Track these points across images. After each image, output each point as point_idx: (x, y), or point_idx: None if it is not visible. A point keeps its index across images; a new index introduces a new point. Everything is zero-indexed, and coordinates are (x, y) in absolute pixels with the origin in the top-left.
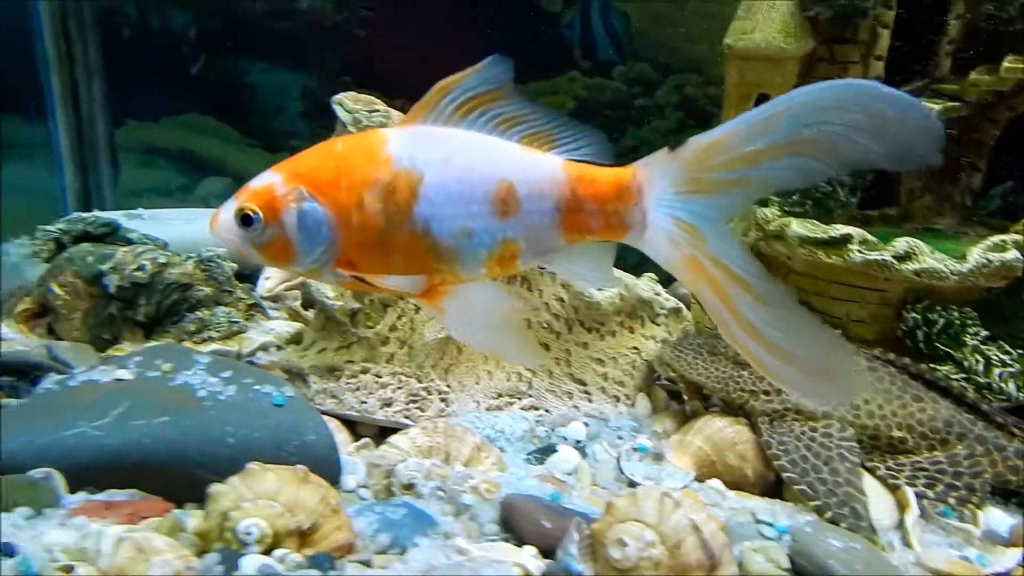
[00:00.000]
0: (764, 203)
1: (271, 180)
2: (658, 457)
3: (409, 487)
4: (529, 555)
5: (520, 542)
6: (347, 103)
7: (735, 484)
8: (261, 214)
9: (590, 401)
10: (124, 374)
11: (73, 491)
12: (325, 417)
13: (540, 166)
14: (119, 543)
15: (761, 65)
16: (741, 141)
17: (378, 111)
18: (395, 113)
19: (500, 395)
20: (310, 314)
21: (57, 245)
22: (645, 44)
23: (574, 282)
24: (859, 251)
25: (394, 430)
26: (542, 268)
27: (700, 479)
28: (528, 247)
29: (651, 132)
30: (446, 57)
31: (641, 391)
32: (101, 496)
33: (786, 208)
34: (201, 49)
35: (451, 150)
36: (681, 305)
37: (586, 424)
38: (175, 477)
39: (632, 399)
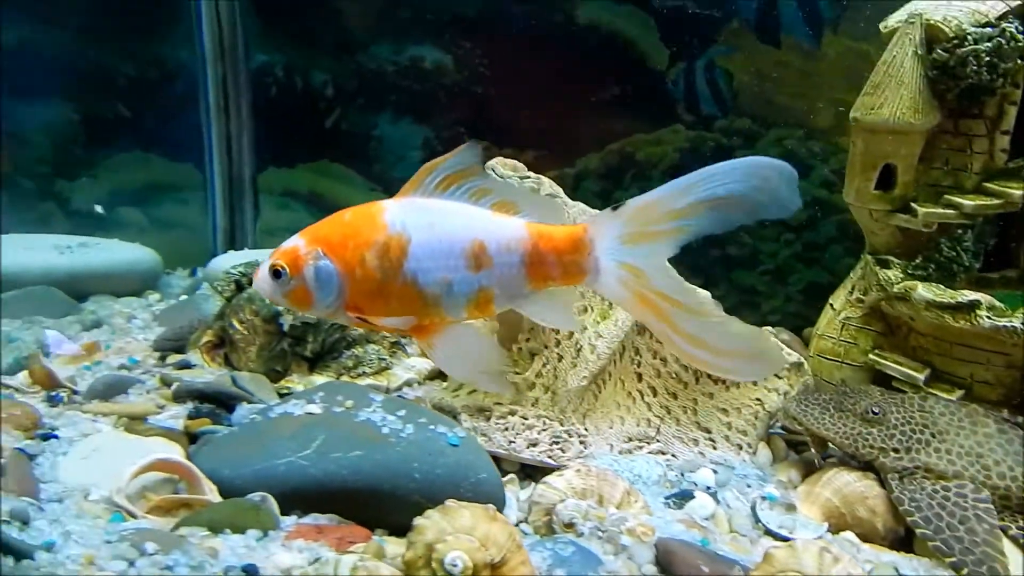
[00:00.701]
0: (886, 264)
1: (296, 243)
2: (790, 507)
3: (570, 525)
4: None
5: None
6: (499, 168)
7: (865, 537)
8: (288, 269)
9: (715, 448)
10: (314, 408)
11: (285, 513)
12: None
13: (507, 227)
14: (355, 569)
15: (888, 138)
16: (672, 200)
17: (529, 177)
18: (546, 180)
19: (631, 439)
20: None
21: (237, 286)
22: (747, 99)
23: (542, 323)
24: (988, 317)
25: (535, 468)
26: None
27: (831, 531)
28: (501, 293)
29: None
30: (555, 111)
31: (762, 440)
32: (308, 520)
33: (909, 271)
34: (336, 104)
35: (434, 217)
36: (802, 360)
37: (715, 471)
38: (367, 505)
39: (754, 448)
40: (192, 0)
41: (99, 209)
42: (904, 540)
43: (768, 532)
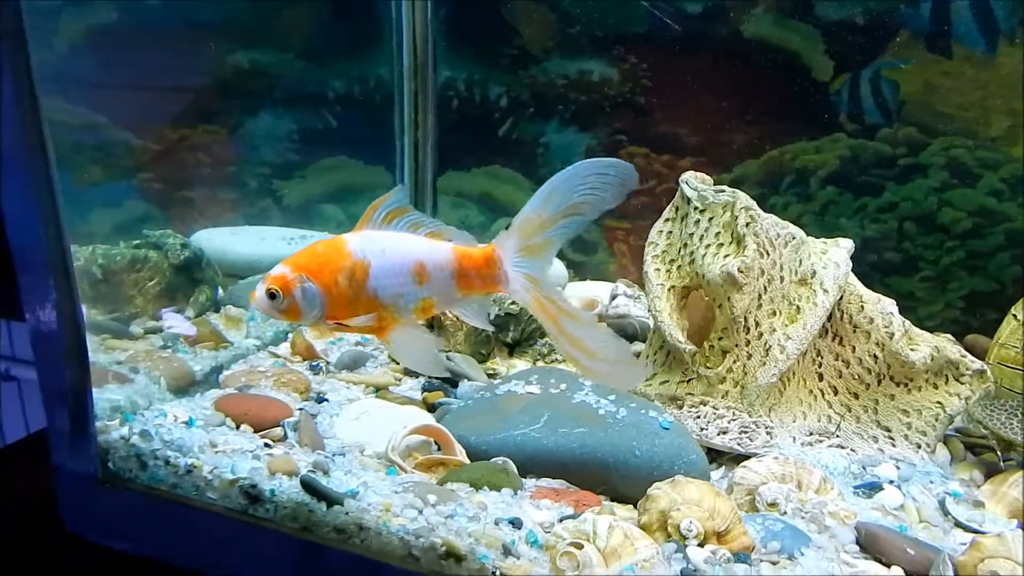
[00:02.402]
0: None
1: (283, 271)
2: (978, 504)
3: (773, 505)
4: (899, 574)
5: (888, 564)
6: (692, 181)
7: None
8: (280, 292)
9: (893, 446)
10: (534, 389)
11: (520, 476)
12: None
13: (440, 251)
14: (611, 529)
15: None
16: (538, 215)
17: (724, 191)
18: (741, 195)
19: (812, 433)
20: (636, 346)
21: None
22: (914, 109)
23: (468, 320)
24: None
25: (721, 453)
26: (855, 327)
27: (1021, 528)
28: (438, 301)
29: (914, 189)
30: (714, 120)
31: (939, 441)
32: (544, 483)
33: None
34: (509, 114)
35: (385, 244)
36: (985, 367)
37: (897, 466)
38: (594, 475)
39: (932, 448)
40: (394, 24)
41: None
42: None
43: (958, 524)
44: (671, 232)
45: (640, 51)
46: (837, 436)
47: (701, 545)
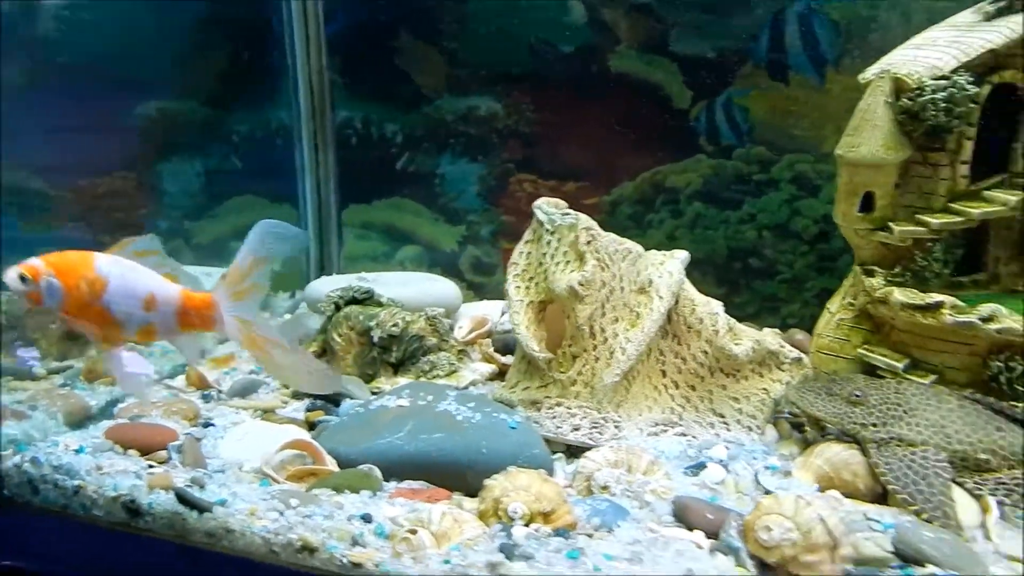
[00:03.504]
0: (871, 274)
1: (37, 263)
2: (787, 473)
3: (605, 487)
4: (699, 536)
5: (691, 528)
6: (544, 207)
7: (849, 495)
8: (30, 278)
9: (728, 430)
10: (403, 402)
11: (385, 480)
12: None
13: (169, 289)
14: (443, 515)
15: (867, 171)
16: (239, 267)
17: (568, 213)
18: (583, 216)
19: (657, 424)
20: (503, 358)
21: (336, 306)
22: (762, 130)
23: (182, 352)
24: (950, 315)
25: (578, 447)
26: (688, 327)
27: (821, 491)
28: (161, 330)
29: (768, 202)
30: (592, 148)
31: (769, 423)
32: (405, 485)
33: (889, 279)
34: (405, 149)
35: (126, 270)
36: (802, 355)
37: (727, 447)
38: (449, 474)
39: (762, 429)
40: (291, 71)
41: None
42: (881, 496)
43: (767, 492)
44: (530, 253)
45: (522, 88)
46: (680, 425)
47: (527, 525)
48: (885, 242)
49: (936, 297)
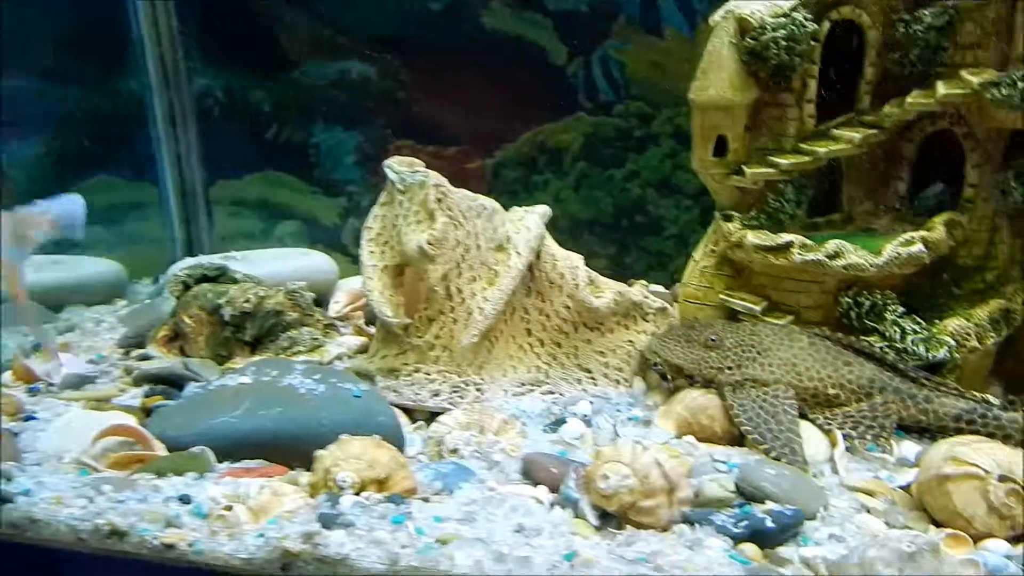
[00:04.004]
0: (728, 219)
1: None
2: (647, 423)
3: (454, 451)
4: (542, 491)
5: (536, 484)
6: (395, 166)
7: (708, 439)
8: None
9: (595, 385)
10: (245, 379)
11: (221, 461)
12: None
13: None
14: (261, 489)
15: (716, 113)
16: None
17: (418, 171)
18: (432, 173)
19: (523, 384)
20: (372, 329)
21: (184, 286)
22: (640, 85)
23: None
24: (799, 254)
25: (440, 413)
26: (551, 283)
27: (680, 437)
28: None
29: (651, 157)
30: (472, 110)
31: (637, 375)
32: (239, 464)
33: (745, 222)
34: (274, 118)
35: None
36: (666, 305)
37: (591, 402)
38: (288, 450)
39: (630, 381)
40: (136, 36)
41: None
42: (739, 438)
43: None
44: (384, 216)
45: (394, 49)
46: (547, 384)
47: (358, 494)
48: (740, 186)
49: (785, 237)
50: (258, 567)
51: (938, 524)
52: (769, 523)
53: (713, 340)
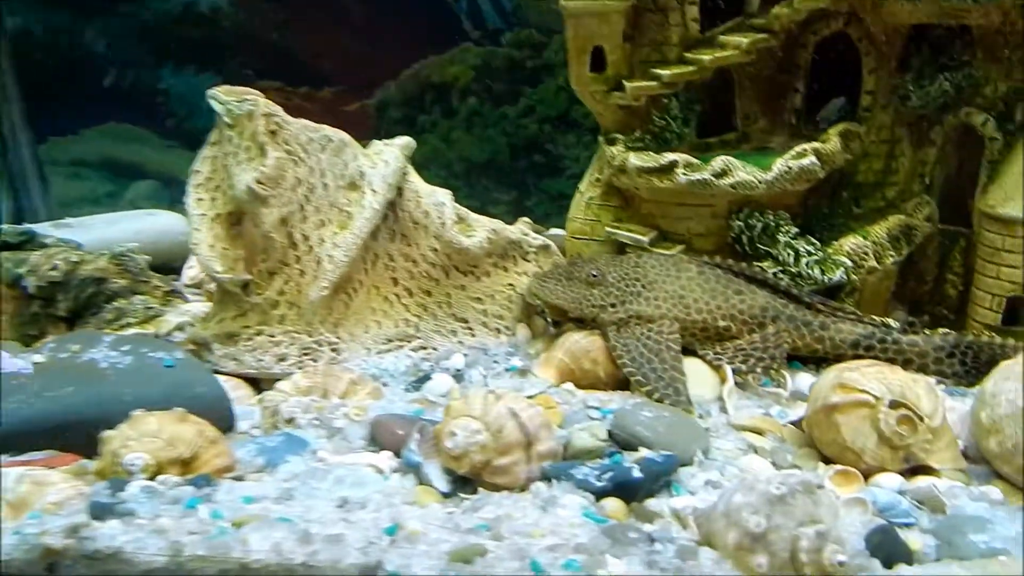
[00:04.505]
0: (613, 142)
1: None
2: (525, 372)
3: (290, 420)
4: (385, 457)
5: (380, 449)
6: (220, 96)
7: (591, 385)
8: None
9: (473, 336)
10: (39, 358)
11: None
12: (229, 376)
13: None
14: (20, 479)
15: (591, 21)
16: None
17: (247, 100)
18: (262, 101)
19: (390, 340)
20: None
21: None
22: (530, 11)
23: None
24: (683, 174)
25: None
26: (415, 223)
27: (560, 385)
28: None
29: (546, 91)
30: (344, 46)
31: (521, 322)
32: (22, 457)
33: (629, 144)
34: (111, 62)
35: None
36: (549, 242)
37: (466, 355)
38: (81, 435)
39: (512, 329)
40: None
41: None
42: (625, 382)
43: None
44: (214, 157)
45: None
46: (418, 338)
47: (152, 477)
48: (623, 104)
49: (669, 157)
50: (19, 569)
51: (828, 461)
52: (636, 473)
53: (594, 276)
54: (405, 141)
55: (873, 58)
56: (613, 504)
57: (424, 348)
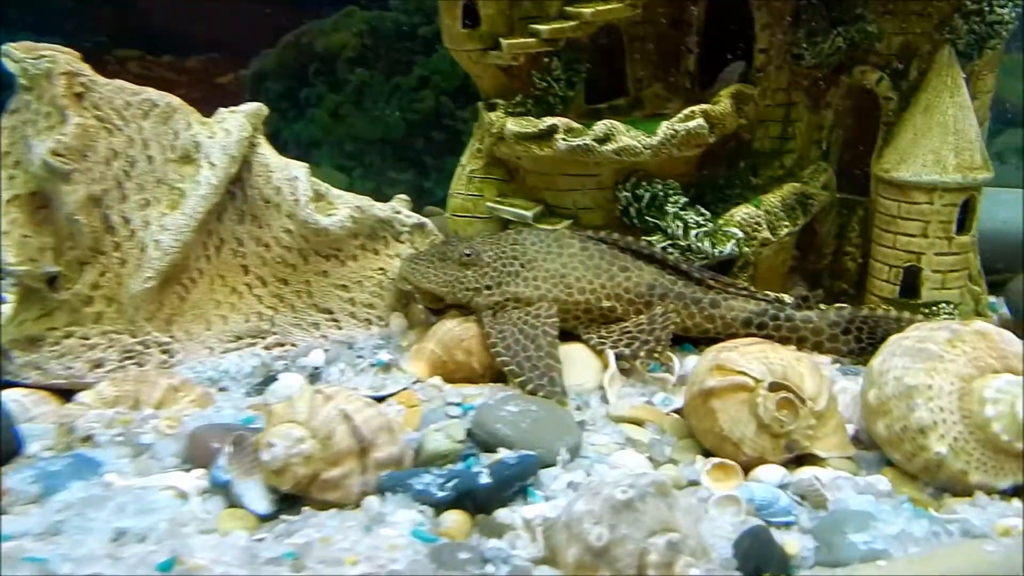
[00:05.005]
0: (492, 107)
1: None
2: (387, 368)
3: (87, 439)
4: (195, 476)
5: (194, 466)
6: (15, 54)
7: (467, 378)
8: None
9: (340, 328)
10: None
11: None
12: (30, 390)
13: None
14: None
15: None
16: None
17: (44, 57)
18: (63, 57)
19: (239, 337)
20: None
21: None
22: None
23: None
24: (563, 139)
25: None
26: (266, 202)
27: (427, 379)
28: None
29: (441, 60)
30: (218, 9)
31: (396, 311)
32: None
33: (509, 110)
34: None
35: None
36: (426, 220)
37: (326, 351)
38: None
39: (385, 319)
40: None
41: None
42: (503, 373)
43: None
44: (13, 127)
45: None
46: (274, 334)
47: None
48: (501, 65)
49: (548, 121)
50: None
51: (710, 453)
52: (484, 479)
53: (468, 255)
54: (254, 107)
55: (766, 13)
56: (455, 518)
57: (282, 345)
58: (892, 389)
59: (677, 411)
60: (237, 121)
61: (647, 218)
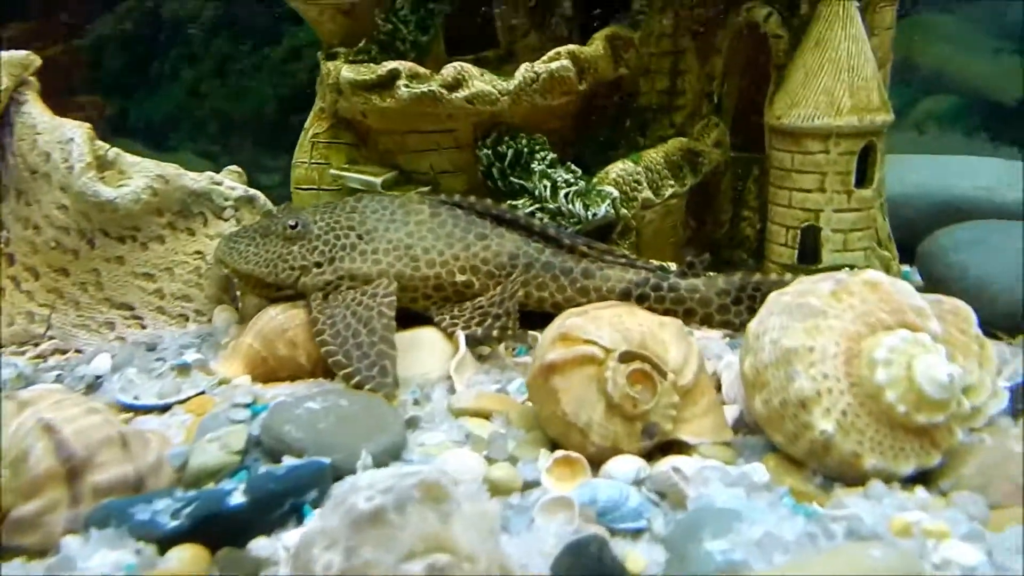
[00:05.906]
0: (332, 56)
1: None
2: (185, 370)
3: None
4: None
5: None
6: None
7: (292, 375)
8: None
9: (143, 327)
10: None
11: None
12: None
13: None
14: None
15: None
16: None
17: None
18: None
19: (9, 344)
20: None
21: None
22: None
23: None
24: (407, 87)
25: None
26: (33, 172)
27: (254, 379)
28: None
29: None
30: None
31: (223, 303)
32: None
33: (352, 59)
34: None
35: None
36: (256, 193)
37: (113, 356)
38: None
39: (207, 314)
40: None
41: None
42: None
43: (127, 408)
44: None
45: None
46: (52, 338)
47: None
48: (341, 6)
49: (389, 66)
50: None
51: (558, 445)
52: (235, 500)
53: (293, 227)
54: (19, 56)
55: None
56: (184, 555)
57: (63, 352)
58: (769, 355)
59: None
60: None
61: (511, 179)
